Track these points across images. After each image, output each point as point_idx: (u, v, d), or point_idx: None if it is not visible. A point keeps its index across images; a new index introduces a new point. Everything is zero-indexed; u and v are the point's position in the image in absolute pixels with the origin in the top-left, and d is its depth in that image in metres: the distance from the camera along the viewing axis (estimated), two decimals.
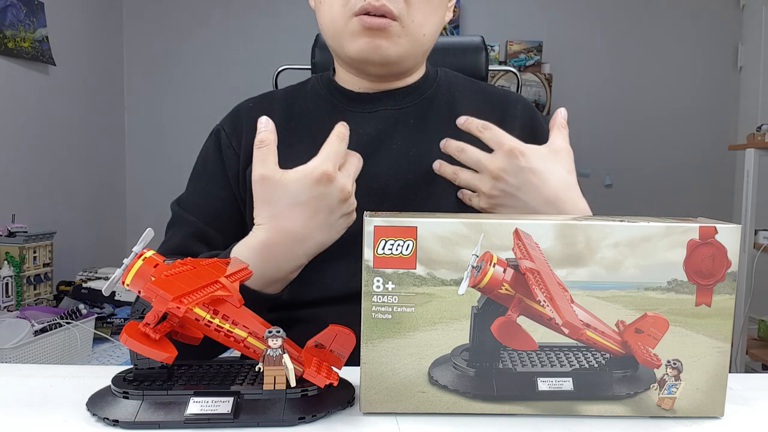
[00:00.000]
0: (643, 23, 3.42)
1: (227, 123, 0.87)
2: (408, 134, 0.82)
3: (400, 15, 0.75)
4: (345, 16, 0.76)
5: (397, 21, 0.75)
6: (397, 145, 0.81)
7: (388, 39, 0.76)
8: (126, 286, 0.50)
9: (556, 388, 0.51)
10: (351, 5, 0.75)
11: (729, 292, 0.50)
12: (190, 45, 3.36)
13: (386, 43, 0.76)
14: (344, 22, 0.76)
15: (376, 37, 0.76)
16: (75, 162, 2.88)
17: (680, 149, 3.43)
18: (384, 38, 0.76)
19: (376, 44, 0.76)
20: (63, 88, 2.77)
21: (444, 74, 0.90)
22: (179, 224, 0.82)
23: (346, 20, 0.76)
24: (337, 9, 0.76)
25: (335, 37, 0.79)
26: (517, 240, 0.49)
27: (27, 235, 2.21)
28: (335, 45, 0.81)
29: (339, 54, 0.82)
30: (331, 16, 0.78)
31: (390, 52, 0.77)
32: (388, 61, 0.79)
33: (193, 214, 0.82)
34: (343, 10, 0.76)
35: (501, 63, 3.31)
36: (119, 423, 0.47)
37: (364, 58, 0.78)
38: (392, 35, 0.76)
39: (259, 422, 0.48)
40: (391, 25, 0.75)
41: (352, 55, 0.78)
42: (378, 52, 0.77)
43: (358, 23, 0.75)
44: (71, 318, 1.91)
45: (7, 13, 2.39)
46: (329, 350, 0.51)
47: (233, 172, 0.83)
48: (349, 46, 0.77)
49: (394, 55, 0.78)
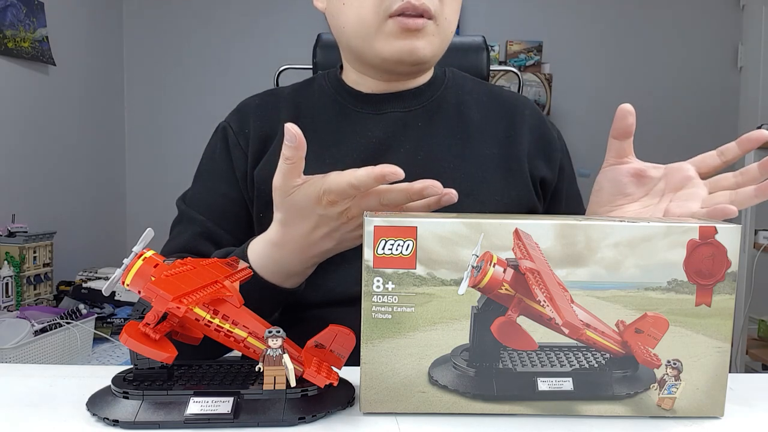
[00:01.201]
0: (643, 23, 3.42)
1: (233, 120, 0.85)
2: (416, 137, 0.81)
3: (436, 12, 0.74)
4: (379, 16, 0.74)
5: (433, 19, 0.74)
6: (405, 149, 0.80)
7: (424, 39, 0.75)
8: (126, 286, 0.50)
9: (556, 388, 0.51)
10: (386, 6, 0.73)
11: (729, 292, 0.50)
12: (191, 45, 3.36)
13: (422, 43, 0.75)
14: (377, 23, 0.74)
15: (413, 39, 0.74)
16: (75, 162, 2.88)
17: (680, 149, 3.41)
18: (420, 39, 0.75)
19: (413, 46, 0.75)
20: (63, 88, 2.77)
21: (452, 75, 0.89)
22: (186, 222, 0.81)
23: (380, 21, 0.74)
24: (368, 9, 0.74)
25: (365, 38, 0.76)
26: (517, 240, 0.49)
27: (27, 235, 2.21)
28: (362, 46, 0.78)
29: (366, 56, 0.79)
30: (360, 16, 0.75)
31: (426, 52, 0.76)
32: (422, 62, 0.78)
33: (201, 213, 0.81)
34: (376, 11, 0.73)
35: (501, 63, 3.31)
36: (119, 423, 0.47)
37: (398, 60, 0.76)
38: (428, 35, 0.75)
39: (259, 422, 0.48)
40: (428, 24, 0.74)
41: (386, 56, 0.76)
42: (414, 53, 0.75)
43: (395, 25, 0.73)
44: (71, 318, 1.91)
45: (7, 13, 2.39)
46: (329, 350, 0.51)
47: (241, 171, 0.82)
48: (383, 48, 0.75)
49: (429, 54, 0.77)
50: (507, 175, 0.81)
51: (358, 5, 0.75)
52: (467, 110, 0.84)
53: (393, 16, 0.73)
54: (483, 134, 0.83)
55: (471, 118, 0.84)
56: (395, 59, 0.76)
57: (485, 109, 0.85)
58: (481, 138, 0.82)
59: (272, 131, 0.83)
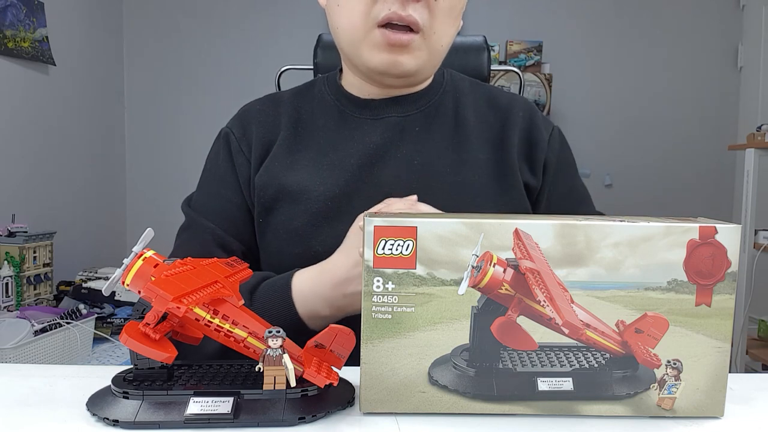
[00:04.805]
0: (643, 23, 3.42)
1: (236, 126, 0.85)
2: (413, 142, 0.81)
3: (424, 26, 0.74)
4: (367, 25, 0.74)
5: (420, 33, 0.74)
6: (402, 154, 0.80)
7: (410, 53, 0.75)
8: (126, 286, 0.50)
9: (556, 388, 0.51)
10: (374, 14, 0.73)
11: (729, 292, 0.50)
12: (191, 45, 3.36)
13: (407, 58, 0.75)
14: (365, 31, 0.74)
15: (398, 54, 0.75)
16: (75, 162, 2.88)
17: (680, 149, 3.43)
18: (405, 53, 0.75)
19: (397, 60, 0.75)
20: (63, 88, 2.77)
21: (450, 77, 0.88)
22: (196, 229, 0.82)
23: (368, 30, 0.74)
24: (357, 17, 0.74)
25: (352, 45, 0.77)
26: (517, 240, 0.49)
27: (27, 235, 2.21)
28: (351, 53, 0.79)
29: (354, 62, 0.80)
30: (351, 23, 0.75)
31: (410, 66, 0.76)
32: (406, 75, 0.78)
33: (210, 220, 0.81)
34: (365, 18, 0.73)
35: (501, 63, 3.31)
36: (119, 423, 0.47)
37: (383, 71, 0.77)
38: (414, 49, 0.75)
39: (259, 422, 0.48)
40: (414, 40, 0.74)
41: (371, 66, 0.77)
42: (398, 67, 0.76)
43: (381, 37, 0.73)
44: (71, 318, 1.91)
45: (7, 13, 2.39)
46: (329, 350, 0.51)
47: (244, 178, 0.82)
48: (369, 58, 0.76)
49: (414, 68, 0.77)
50: (501, 180, 0.80)
51: (350, 9, 0.75)
52: (464, 114, 0.84)
53: (380, 26, 0.73)
54: (479, 139, 0.82)
55: (468, 123, 0.83)
56: (380, 70, 0.77)
57: (482, 112, 0.85)
58: (477, 143, 0.82)
59: (273, 137, 0.83)
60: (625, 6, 3.41)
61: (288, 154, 0.81)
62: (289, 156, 0.81)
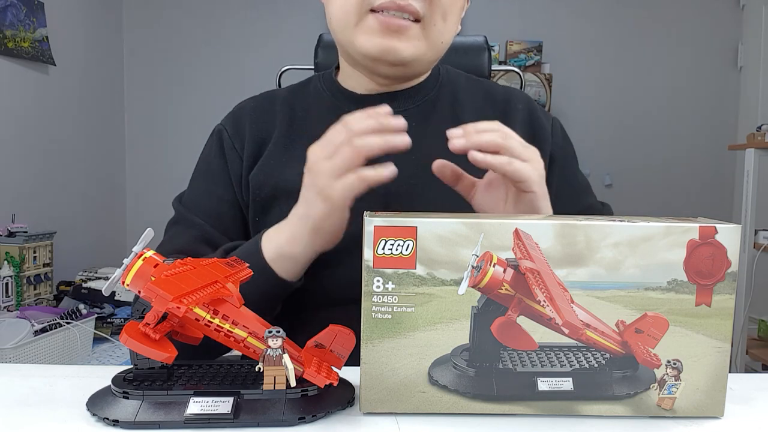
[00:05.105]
0: (643, 23, 3.42)
1: (229, 123, 0.85)
2: (410, 137, 0.81)
3: (424, 16, 0.73)
4: (361, 10, 0.72)
5: (419, 22, 0.73)
6: None
7: (406, 41, 0.73)
8: (126, 286, 0.50)
9: (556, 388, 0.51)
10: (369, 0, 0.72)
11: (729, 292, 0.50)
12: (191, 45, 3.36)
13: (402, 44, 0.73)
14: (358, 16, 0.73)
15: (392, 38, 0.73)
16: (75, 162, 2.88)
17: (680, 149, 3.43)
18: (402, 40, 0.73)
19: (391, 45, 0.73)
20: (63, 88, 2.77)
21: (446, 73, 0.88)
22: (184, 224, 0.81)
23: (361, 15, 0.73)
24: (352, 1, 0.73)
25: (345, 31, 0.76)
26: (517, 240, 0.49)
27: (27, 235, 2.21)
28: (344, 40, 0.77)
29: (348, 50, 0.78)
30: (344, 8, 0.74)
31: (405, 54, 0.74)
32: (401, 63, 0.76)
33: (199, 216, 0.81)
34: (359, 3, 0.72)
35: (501, 63, 3.31)
36: (119, 423, 0.47)
37: (377, 57, 0.75)
38: (410, 37, 0.74)
39: (259, 422, 0.48)
40: (411, 27, 0.73)
41: (365, 52, 0.75)
42: (393, 53, 0.74)
43: (375, 21, 0.72)
44: (71, 318, 1.91)
45: (7, 13, 2.39)
46: (329, 350, 0.51)
47: (236, 175, 0.82)
48: (362, 43, 0.74)
49: (409, 56, 0.75)
50: None
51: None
52: (461, 109, 0.84)
53: (375, 12, 0.72)
54: None
55: (465, 117, 0.83)
56: (374, 56, 0.75)
57: (479, 107, 0.85)
58: None
59: (268, 135, 0.83)
60: (625, 6, 3.41)
61: (284, 152, 0.81)
62: (284, 153, 0.81)
